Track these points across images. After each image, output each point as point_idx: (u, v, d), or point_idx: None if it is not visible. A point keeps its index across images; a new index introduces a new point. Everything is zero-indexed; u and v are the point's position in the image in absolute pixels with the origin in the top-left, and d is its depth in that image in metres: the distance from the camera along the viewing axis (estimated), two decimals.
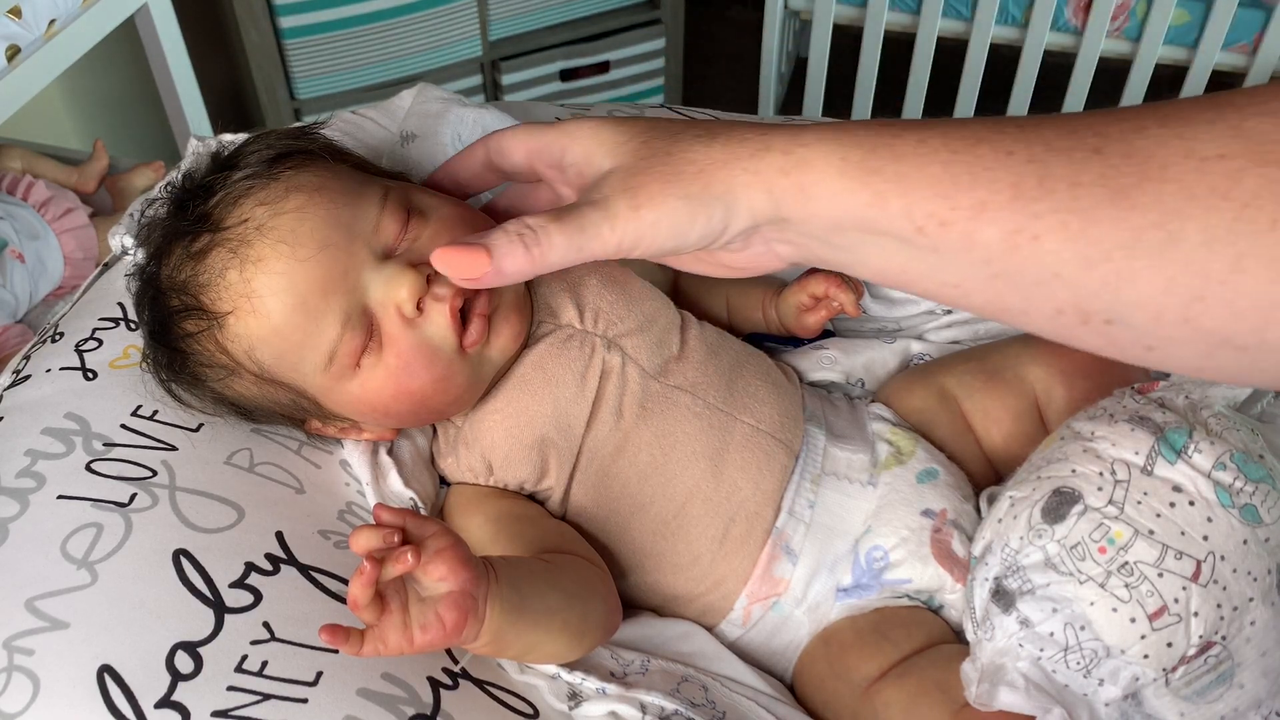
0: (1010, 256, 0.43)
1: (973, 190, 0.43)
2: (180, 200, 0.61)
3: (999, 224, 0.43)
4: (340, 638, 0.47)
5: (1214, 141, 0.40)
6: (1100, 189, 0.41)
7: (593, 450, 0.64)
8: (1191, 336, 0.41)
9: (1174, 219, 0.40)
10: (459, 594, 0.48)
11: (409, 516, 0.49)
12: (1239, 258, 0.39)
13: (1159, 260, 0.40)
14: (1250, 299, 0.39)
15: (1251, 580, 0.52)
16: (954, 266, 0.45)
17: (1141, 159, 0.41)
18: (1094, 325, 0.43)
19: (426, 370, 0.59)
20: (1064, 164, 0.42)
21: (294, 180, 0.58)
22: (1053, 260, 0.42)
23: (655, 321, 0.67)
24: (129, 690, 0.50)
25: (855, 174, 0.46)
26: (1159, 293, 0.41)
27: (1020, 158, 0.43)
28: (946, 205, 0.44)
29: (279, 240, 0.57)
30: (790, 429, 0.67)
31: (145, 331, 0.63)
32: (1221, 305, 0.40)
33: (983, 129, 0.44)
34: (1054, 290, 0.43)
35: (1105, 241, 0.41)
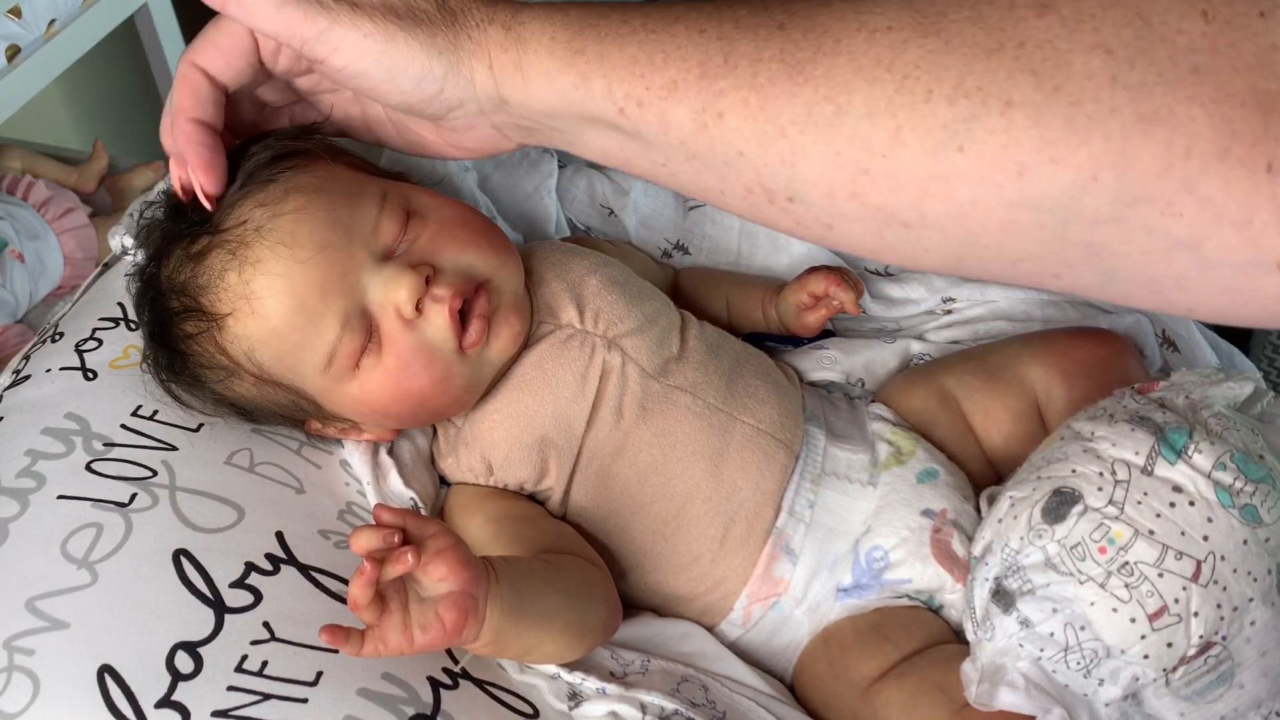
0: (700, 136, 0.45)
1: (665, 69, 0.45)
2: (178, 203, 0.61)
3: (688, 103, 0.44)
4: (340, 638, 0.47)
5: (886, 14, 0.41)
6: (778, 64, 0.42)
7: (593, 450, 0.64)
8: (861, 213, 0.43)
9: (842, 92, 0.41)
10: (459, 594, 0.48)
11: (409, 517, 0.49)
12: (898, 129, 0.40)
13: (827, 134, 0.42)
14: (909, 171, 0.41)
15: (1251, 580, 0.52)
16: (658, 148, 0.47)
17: (819, 33, 0.42)
18: (779, 204, 0.45)
19: (426, 371, 0.59)
20: (749, 41, 0.43)
21: (292, 181, 0.58)
22: (736, 138, 0.44)
23: (655, 321, 0.67)
24: (129, 690, 0.50)
25: (562, 53, 0.48)
26: (828, 166, 0.42)
27: (710, 35, 0.44)
28: (642, 85, 0.45)
29: (278, 242, 0.57)
30: (790, 429, 0.67)
31: (145, 333, 0.63)
32: (884, 178, 0.41)
33: (684, 8, 0.46)
34: (740, 169, 0.45)
35: (781, 117, 0.42)
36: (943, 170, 0.40)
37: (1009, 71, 0.39)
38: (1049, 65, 0.38)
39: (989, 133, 0.39)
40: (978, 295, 0.77)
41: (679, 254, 0.83)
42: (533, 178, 0.81)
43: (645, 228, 0.82)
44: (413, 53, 0.50)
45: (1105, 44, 0.38)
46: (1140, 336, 0.74)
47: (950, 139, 0.40)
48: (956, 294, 0.77)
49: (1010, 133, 0.39)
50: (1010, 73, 0.39)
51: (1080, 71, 0.38)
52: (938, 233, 0.43)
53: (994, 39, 0.39)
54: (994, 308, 0.77)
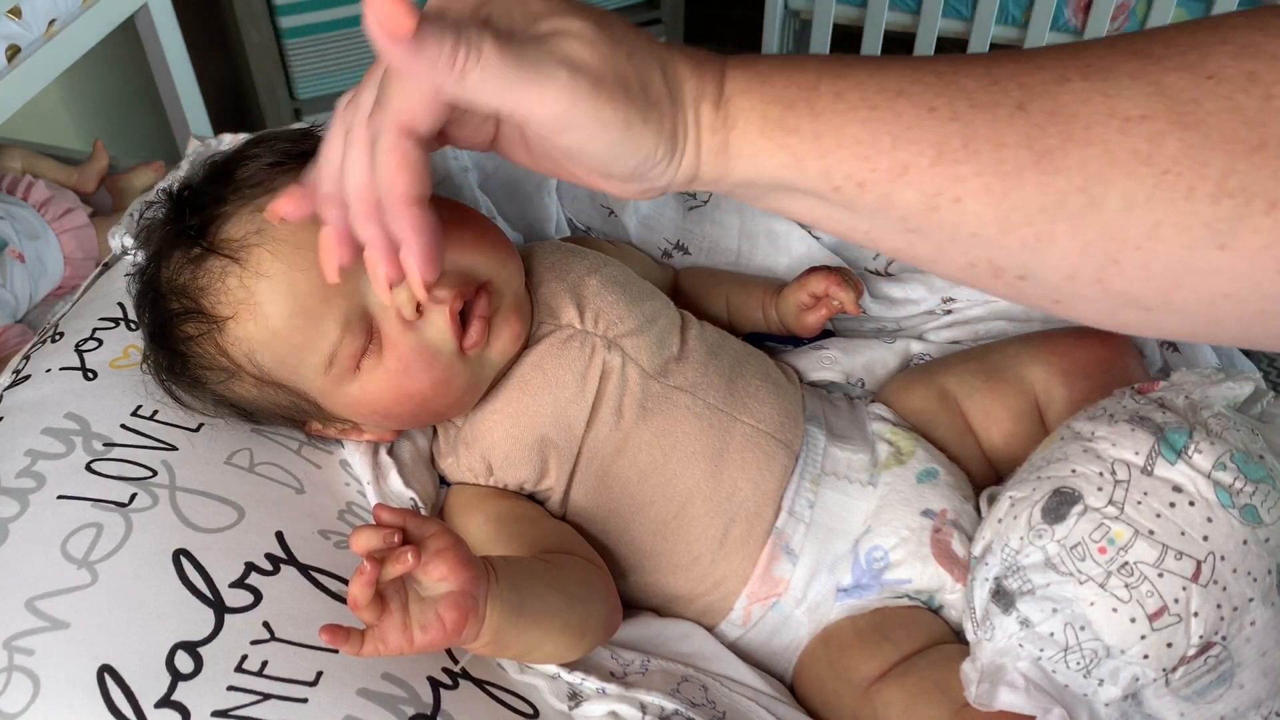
0: (929, 216, 0.42)
1: (893, 152, 0.42)
2: (179, 205, 0.61)
3: (919, 187, 0.42)
4: (340, 638, 0.47)
5: (1136, 100, 0.39)
6: (1025, 151, 0.40)
7: (593, 450, 0.64)
8: (1101, 295, 0.42)
9: (1096, 184, 0.39)
10: (459, 594, 0.48)
11: (409, 516, 0.49)
12: (1156, 225, 0.39)
13: (1078, 224, 0.40)
14: (1163, 264, 0.40)
15: (1251, 580, 0.52)
16: (868, 220, 0.45)
17: (1065, 118, 0.40)
18: (1006, 279, 0.43)
19: (426, 373, 0.59)
20: (987, 123, 0.41)
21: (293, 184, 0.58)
22: (973, 221, 0.42)
23: (655, 322, 0.67)
24: (129, 690, 0.50)
25: (774, 133, 0.44)
26: (1075, 255, 0.41)
27: (943, 115, 0.41)
28: (866, 168, 0.42)
29: (278, 245, 0.57)
30: (790, 429, 0.67)
31: (146, 334, 0.63)
32: (1135, 269, 0.40)
33: (902, 79, 0.43)
34: (969, 247, 0.43)
35: (1028, 206, 0.41)
36: (1199, 266, 0.39)
37: (1274, 170, 0.37)
38: None
39: (1252, 232, 0.38)
40: (978, 295, 0.77)
41: (679, 254, 0.83)
42: (533, 177, 0.81)
43: (645, 228, 0.82)
44: (646, 140, 0.45)
45: None
46: (1140, 337, 0.74)
47: (1211, 237, 0.39)
48: (957, 294, 0.77)
49: (1274, 233, 0.38)
50: (1274, 171, 0.37)
51: None
52: (1179, 317, 0.42)
53: (1256, 135, 0.38)
54: (994, 307, 0.77)
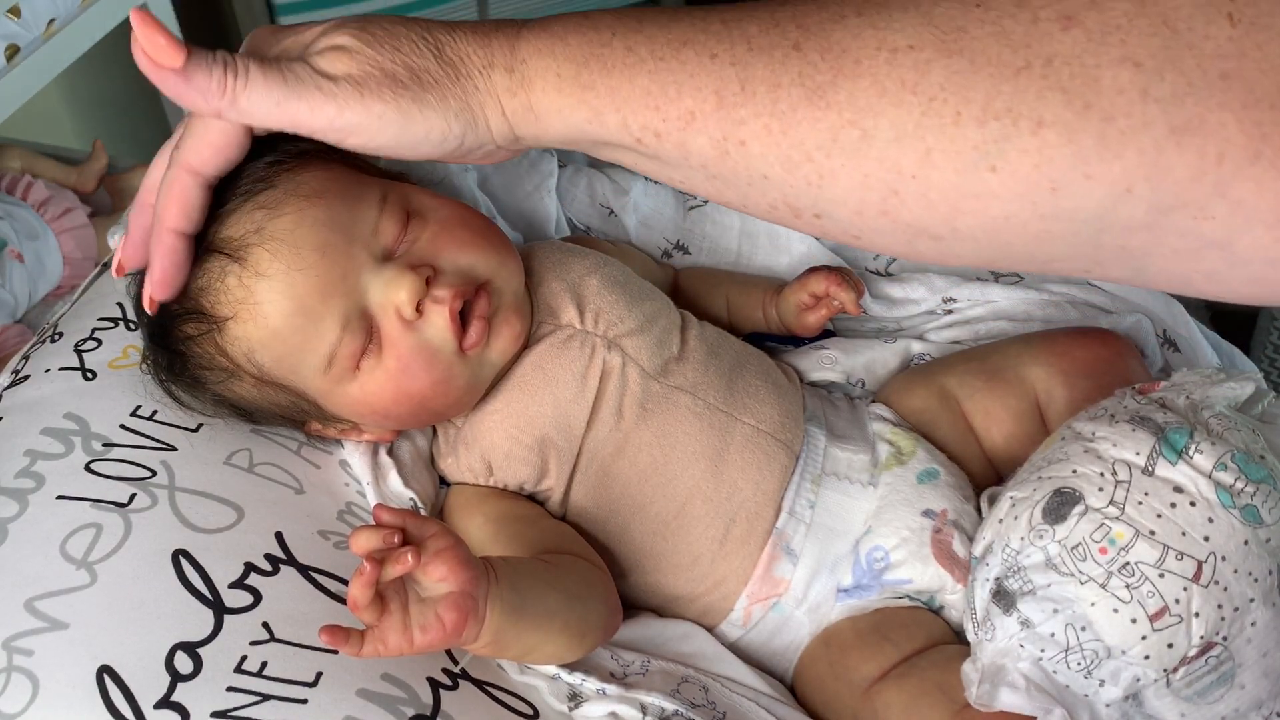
0: (722, 161, 0.45)
1: (680, 100, 0.44)
2: None
3: (707, 132, 0.44)
4: (340, 638, 0.47)
5: (905, 31, 0.40)
6: (798, 89, 0.42)
7: (593, 451, 0.64)
8: (891, 227, 0.43)
9: (867, 116, 0.41)
10: (459, 595, 0.48)
11: (409, 517, 0.49)
12: (928, 152, 0.40)
13: (854, 158, 0.41)
14: (940, 191, 0.41)
15: (1252, 581, 0.52)
16: (677, 169, 0.47)
17: (837, 53, 0.41)
18: (805, 219, 0.45)
19: (426, 372, 0.59)
20: (765, 64, 0.42)
21: (291, 184, 0.58)
22: (760, 163, 0.44)
23: (656, 322, 0.67)
24: (128, 691, 0.50)
25: (570, 90, 0.47)
26: (857, 188, 0.42)
27: (723, 60, 0.43)
28: (658, 117, 0.45)
29: (277, 245, 0.57)
30: (791, 429, 0.67)
31: (145, 334, 0.63)
32: (915, 198, 0.41)
33: (690, 28, 0.45)
34: (765, 190, 0.45)
35: (806, 143, 0.42)
36: (975, 189, 0.40)
37: (1038, 90, 0.38)
38: (1078, 82, 0.38)
39: (1021, 153, 0.39)
40: (978, 295, 0.77)
41: (679, 254, 0.83)
42: (533, 177, 0.81)
43: (645, 227, 0.82)
44: (430, 121, 0.49)
45: (1133, 56, 0.38)
46: (1141, 336, 0.74)
47: (982, 160, 0.40)
48: (957, 294, 0.77)
49: (1043, 152, 0.39)
50: (1039, 91, 0.38)
51: (1110, 87, 0.38)
52: (970, 243, 0.43)
53: (1020, 57, 0.39)
54: (994, 308, 0.77)
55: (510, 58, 0.48)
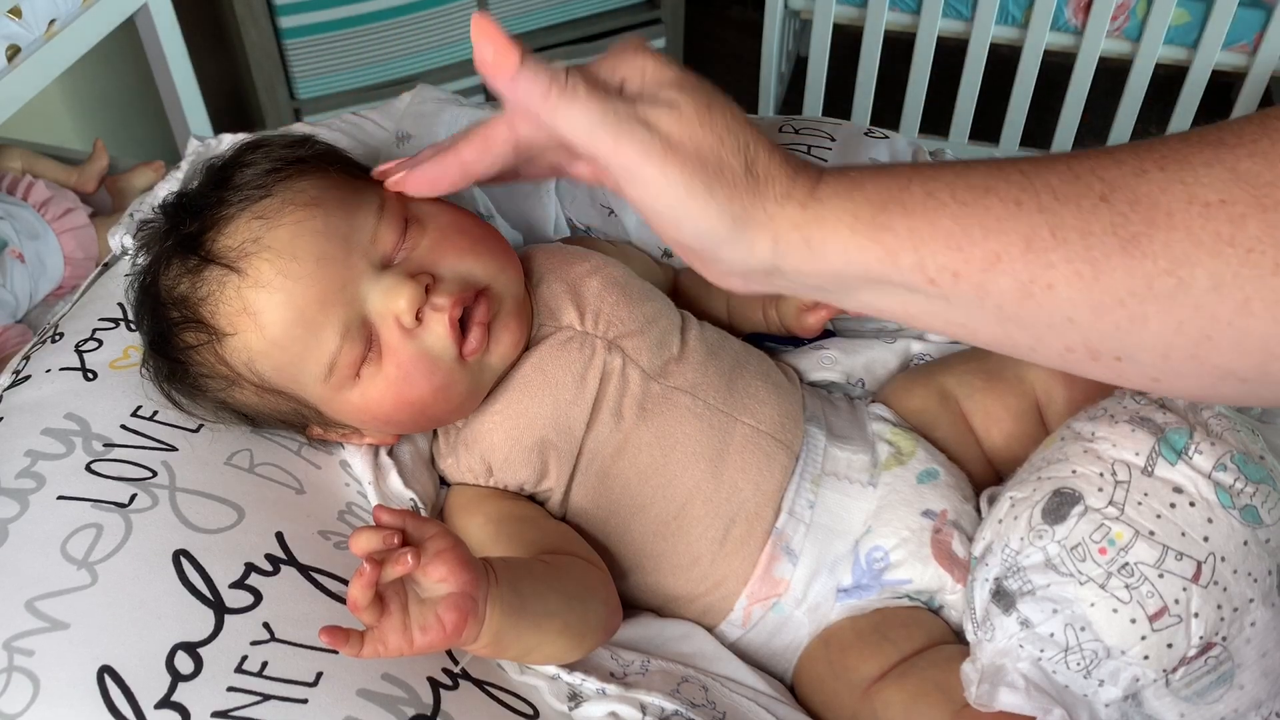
0: (1024, 304, 0.44)
1: (985, 242, 0.44)
2: (177, 214, 0.60)
3: (1013, 274, 0.44)
4: (340, 639, 0.47)
5: (1214, 186, 0.41)
6: (1111, 238, 0.42)
7: (593, 451, 0.64)
8: (1198, 371, 0.43)
9: (1183, 266, 0.41)
10: (459, 595, 0.48)
11: (409, 518, 0.49)
12: (1246, 301, 0.40)
13: (1169, 305, 0.42)
14: (1256, 339, 0.41)
15: (1252, 581, 0.52)
16: (963, 311, 0.46)
17: (1148, 205, 0.42)
18: (1104, 362, 0.45)
19: (426, 380, 0.59)
20: (1073, 213, 0.43)
21: (289, 192, 0.58)
22: (1066, 306, 0.43)
23: (656, 323, 0.67)
24: (129, 691, 0.50)
25: (866, 230, 0.46)
26: (1169, 334, 0.42)
27: (1029, 208, 0.44)
28: (960, 258, 0.44)
29: (275, 255, 0.57)
30: (790, 430, 0.67)
31: (145, 342, 0.63)
32: (1229, 344, 0.42)
33: (989, 177, 0.45)
34: (1065, 332, 0.44)
35: (1118, 289, 0.42)
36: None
37: None
38: None
39: None
40: None
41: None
42: None
43: (645, 227, 0.82)
44: (708, 211, 0.48)
45: None
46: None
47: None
48: None
49: None
50: None
51: None
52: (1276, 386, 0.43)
53: None
54: None
55: (808, 195, 0.48)
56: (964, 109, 1.97)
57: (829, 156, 0.84)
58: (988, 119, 2.02)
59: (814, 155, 0.84)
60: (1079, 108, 1.91)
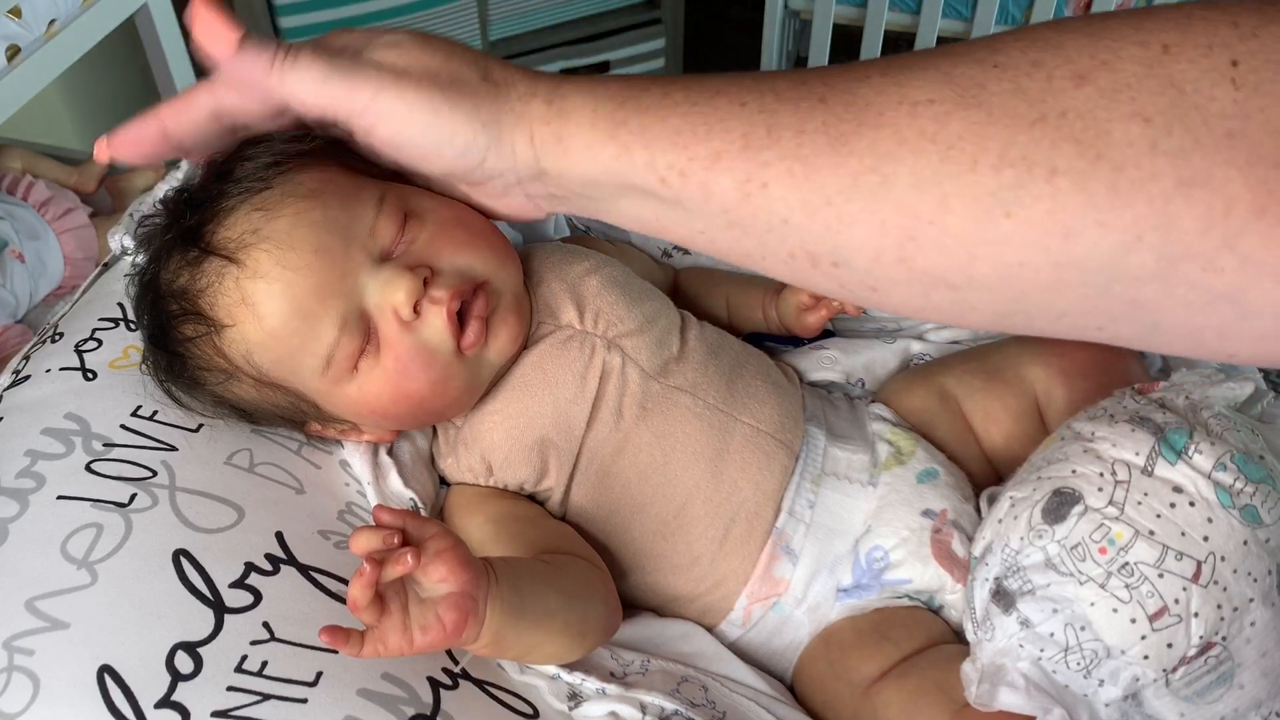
0: (743, 205, 0.46)
1: (708, 140, 0.46)
2: (177, 206, 0.61)
3: (732, 173, 0.45)
4: (340, 639, 0.47)
5: (925, 87, 0.42)
6: (822, 136, 0.43)
7: (593, 451, 0.64)
8: (908, 277, 0.44)
9: (886, 162, 0.42)
10: (459, 595, 0.48)
11: (409, 518, 0.49)
12: (945, 198, 0.41)
13: (873, 203, 0.43)
14: (956, 237, 0.42)
15: (1252, 581, 0.52)
16: (698, 216, 0.48)
17: (861, 106, 0.43)
18: (822, 268, 0.46)
19: (424, 373, 0.59)
20: (791, 112, 0.44)
21: (288, 185, 0.58)
22: (781, 206, 0.45)
23: (655, 322, 0.67)
24: (129, 690, 0.50)
25: (604, 125, 0.48)
26: (875, 234, 0.43)
27: (752, 108, 0.45)
28: (685, 156, 0.46)
29: (274, 246, 0.57)
30: (790, 429, 0.67)
31: (145, 335, 0.63)
32: (932, 244, 0.43)
33: (723, 82, 0.47)
34: (784, 235, 0.46)
35: (826, 187, 0.43)
36: (990, 235, 0.41)
37: (1052, 140, 0.40)
38: (1090, 134, 0.39)
39: (1035, 199, 0.40)
40: None
41: (679, 253, 0.83)
42: None
43: None
44: (458, 124, 0.50)
45: (1142, 112, 0.39)
46: None
47: (997, 206, 0.41)
48: None
49: (1056, 199, 0.40)
50: (1054, 141, 0.40)
51: (1120, 139, 0.39)
52: (985, 293, 0.44)
53: (1035, 110, 0.40)
54: None
55: (552, 92, 0.50)
56: None
57: None
58: None
59: None
60: None
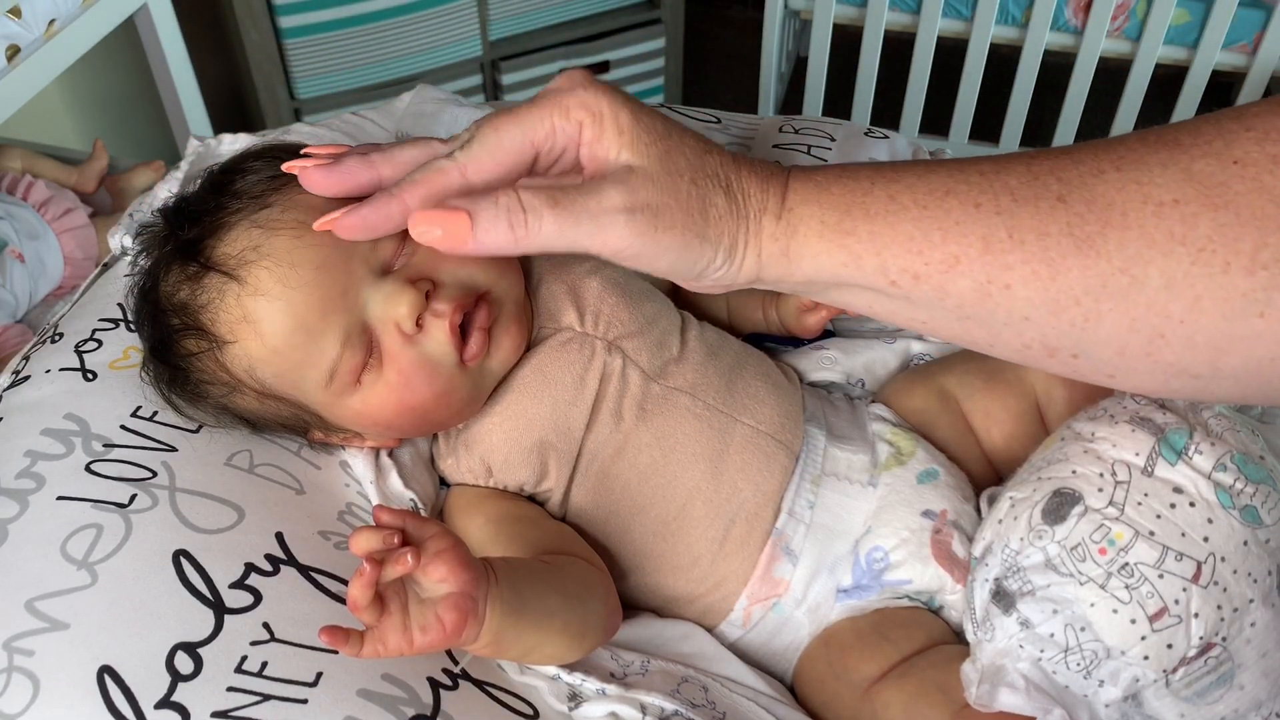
0: (981, 303, 0.46)
1: (944, 245, 0.45)
2: (177, 221, 0.60)
3: (971, 276, 0.45)
4: (340, 639, 0.47)
5: (1168, 186, 0.42)
6: (1067, 239, 0.43)
7: (593, 452, 0.64)
8: (1151, 368, 0.45)
9: (1136, 264, 0.42)
10: (459, 595, 0.48)
11: (409, 518, 0.49)
12: (1197, 299, 0.42)
13: (1123, 303, 0.43)
14: (1206, 335, 0.42)
15: (1252, 582, 0.52)
16: (925, 310, 0.48)
17: (1103, 206, 0.43)
18: (1060, 358, 0.46)
19: (428, 385, 0.59)
20: (1030, 214, 0.44)
21: (289, 200, 0.58)
22: (1023, 306, 0.45)
23: (656, 323, 0.67)
24: (129, 691, 0.50)
25: (832, 236, 0.48)
26: (1123, 331, 0.44)
27: (988, 209, 0.45)
28: (920, 260, 0.46)
29: (275, 264, 0.56)
30: (790, 430, 0.67)
31: (146, 347, 0.63)
32: (1180, 341, 0.43)
33: (949, 179, 0.46)
34: (1022, 330, 0.46)
35: (1074, 288, 0.44)
36: (1242, 334, 0.42)
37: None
38: None
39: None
40: None
41: None
42: None
43: None
44: (704, 254, 0.49)
45: None
46: None
47: (1251, 307, 0.41)
48: None
49: None
50: None
51: None
52: (1229, 382, 0.44)
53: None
54: None
55: (780, 205, 0.49)
56: (964, 109, 1.97)
57: (829, 156, 0.84)
58: (988, 119, 2.02)
59: (814, 155, 0.84)
60: (1079, 108, 1.92)
